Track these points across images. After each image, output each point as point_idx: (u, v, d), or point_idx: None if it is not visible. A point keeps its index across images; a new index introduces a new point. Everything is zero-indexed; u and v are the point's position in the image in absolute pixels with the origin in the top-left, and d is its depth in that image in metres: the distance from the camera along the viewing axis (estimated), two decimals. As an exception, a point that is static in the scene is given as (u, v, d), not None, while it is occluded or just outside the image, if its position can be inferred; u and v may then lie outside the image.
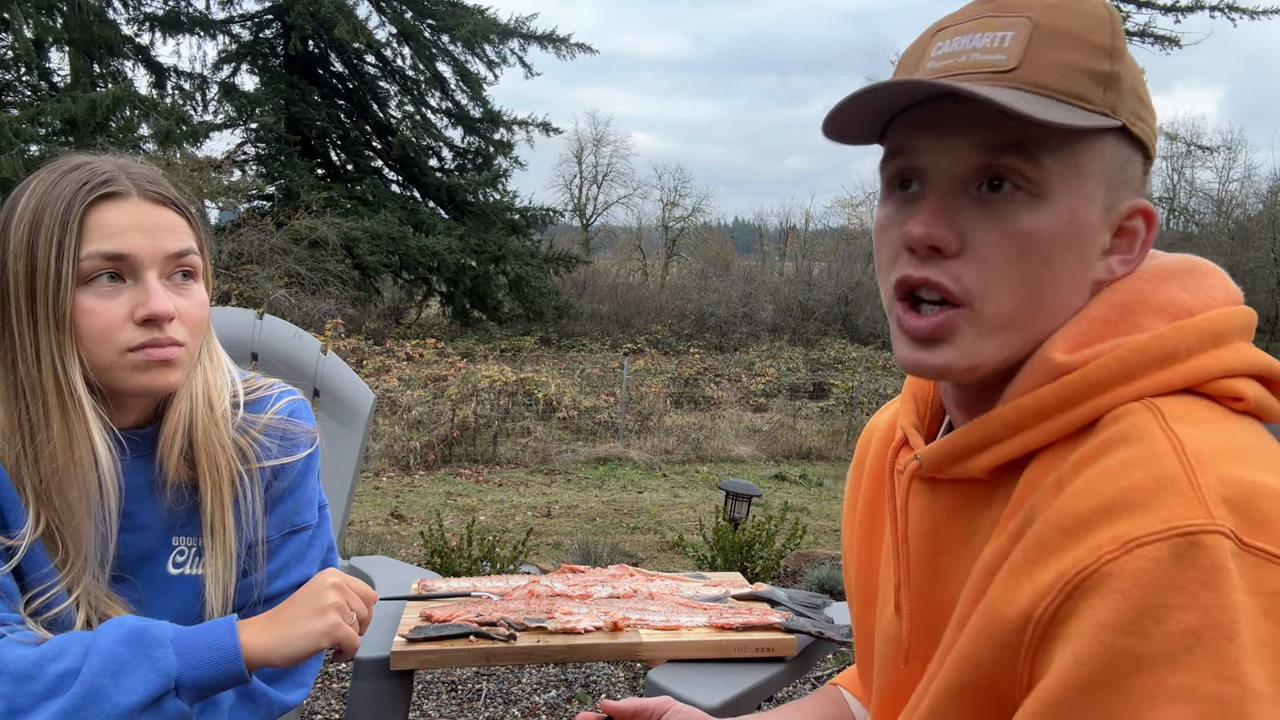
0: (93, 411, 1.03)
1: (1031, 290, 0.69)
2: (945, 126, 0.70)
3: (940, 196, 0.70)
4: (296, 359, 1.96)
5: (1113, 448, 0.64)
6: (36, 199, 1.02)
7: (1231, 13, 19.09)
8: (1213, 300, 0.72)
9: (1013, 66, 0.68)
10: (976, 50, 0.70)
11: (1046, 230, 0.68)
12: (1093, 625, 0.58)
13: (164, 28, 16.40)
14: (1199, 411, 0.66)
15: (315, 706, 2.93)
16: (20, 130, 11.60)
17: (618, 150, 46.39)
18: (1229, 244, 19.78)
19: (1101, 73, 0.69)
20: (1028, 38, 0.68)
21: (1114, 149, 0.70)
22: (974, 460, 0.73)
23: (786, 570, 4.77)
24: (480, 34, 17.62)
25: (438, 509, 6.54)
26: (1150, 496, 0.59)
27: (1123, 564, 0.57)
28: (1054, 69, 0.68)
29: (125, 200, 1.04)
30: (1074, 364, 0.69)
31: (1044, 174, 0.68)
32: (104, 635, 0.98)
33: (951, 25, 0.73)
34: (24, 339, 1.01)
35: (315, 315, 11.81)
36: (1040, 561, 0.62)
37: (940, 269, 0.70)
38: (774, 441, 9.93)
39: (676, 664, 1.46)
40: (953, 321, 0.70)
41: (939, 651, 0.73)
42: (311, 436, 1.21)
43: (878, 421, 1.00)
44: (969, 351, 0.71)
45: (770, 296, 21.18)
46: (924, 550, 0.80)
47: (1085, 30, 0.69)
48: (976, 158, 0.69)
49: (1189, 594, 0.56)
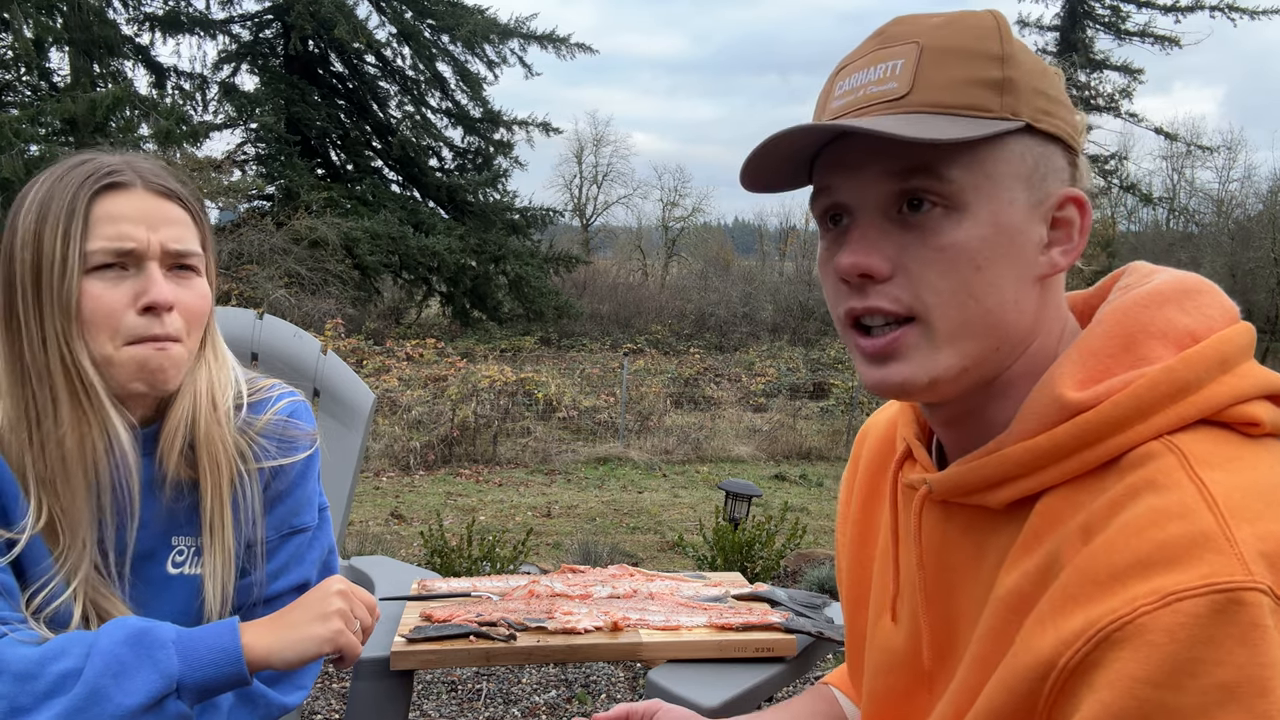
0: (107, 394, 1.04)
1: (969, 297, 0.70)
2: (853, 162, 0.72)
3: (863, 227, 0.72)
4: (296, 359, 1.96)
5: (1140, 495, 0.64)
6: (44, 190, 1.04)
7: (1231, 13, 19.12)
8: (1213, 321, 0.72)
9: (904, 93, 0.70)
10: (870, 83, 0.72)
11: (971, 238, 0.70)
12: (1124, 677, 0.58)
13: (164, 28, 16.39)
14: (1221, 449, 0.66)
15: (315, 707, 2.93)
16: (20, 130, 11.59)
17: (618, 150, 46.59)
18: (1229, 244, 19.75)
19: (994, 80, 0.70)
20: (916, 63, 0.71)
21: (1024, 148, 0.71)
22: (988, 494, 0.73)
23: (786, 570, 4.77)
24: (480, 34, 17.61)
25: (438, 509, 6.54)
26: (1188, 552, 0.59)
27: (1158, 617, 0.57)
28: (944, 87, 0.70)
29: (130, 191, 1.05)
30: (1086, 403, 0.69)
31: (955, 187, 0.69)
32: (106, 636, 0.98)
33: (849, 63, 0.75)
34: (30, 327, 1.02)
35: (315, 315, 11.80)
36: (1067, 610, 0.62)
37: (878, 294, 0.72)
38: (774, 441, 9.93)
39: (676, 664, 1.46)
40: (904, 337, 0.72)
41: (953, 686, 0.73)
42: (311, 438, 1.21)
43: (873, 424, 1.00)
44: (925, 365, 0.72)
45: (770, 296, 21.17)
46: (932, 566, 0.80)
47: (973, 43, 0.71)
48: (888, 185, 0.71)
49: (1225, 650, 0.56)
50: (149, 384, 1.05)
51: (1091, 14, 20.26)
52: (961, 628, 0.77)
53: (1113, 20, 20.26)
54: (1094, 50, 20.26)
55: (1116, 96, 20.51)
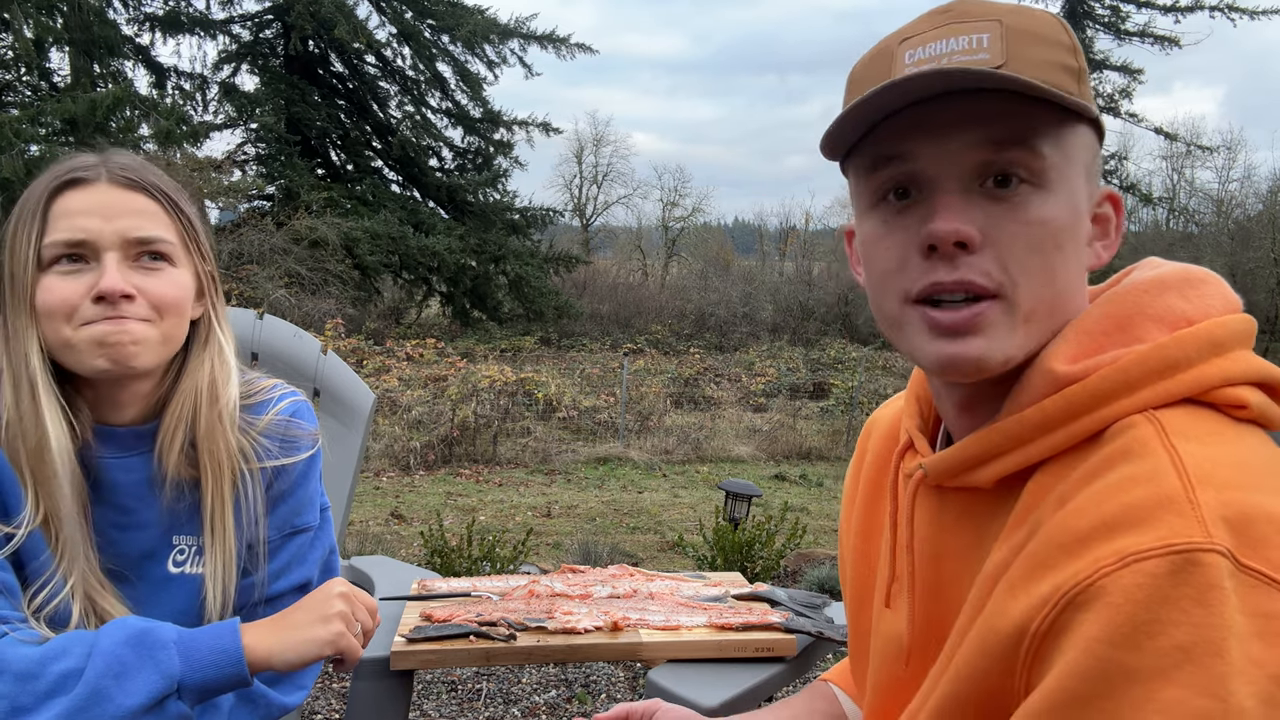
0: (46, 391, 1.05)
1: (1052, 276, 0.70)
2: (940, 127, 0.70)
3: (951, 195, 0.70)
4: (297, 359, 1.96)
5: (1115, 464, 0.64)
6: (24, 194, 1.08)
7: (1231, 13, 19.10)
8: (1211, 308, 0.72)
9: (1001, 63, 0.69)
10: (957, 52, 0.70)
11: (1056, 217, 0.70)
12: (1085, 638, 0.58)
13: (164, 28, 16.39)
14: (1201, 424, 0.66)
15: (315, 706, 2.93)
16: (20, 130, 11.58)
17: (618, 150, 46.54)
18: (1229, 244, 19.76)
19: (1074, 68, 0.72)
20: (1004, 37, 0.70)
21: (1089, 139, 0.73)
22: (979, 471, 0.74)
23: (786, 570, 4.77)
24: (480, 34, 17.61)
25: (438, 509, 6.54)
26: (1150, 514, 0.59)
27: (1118, 579, 0.58)
28: (1037, 64, 0.70)
29: (90, 186, 1.07)
30: (1075, 375, 0.69)
31: (1045, 164, 0.70)
32: (107, 636, 0.98)
33: (915, 34, 0.73)
34: (10, 326, 1.06)
35: (315, 315, 11.80)
36: (1037, 576, 0.62)
37: (968, 267, 0.69)
38: (774, 441, 9.93)
39: (676, 664, 1.46)
40: (988, 313, 0.69)
41: (939, 661, 0.73)
42: (313, 438, 1.22)
43: (878, 418, 1.00)
44: (1003, 342, 0.70)
45: (770, 296, 21.17)
46: (927, 554, 0.80)
47: (1050, 30, 0.72)
48: (980, 154, 0.69)
49: (1182, 610, 0.56)
50: (111, 359, 1.04)
51: (1091, 14, 20.25)
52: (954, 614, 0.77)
53: (1112, 20, 20.26)
54: (1094, 50, 20.24)
55: (1116, 97, 20.51)
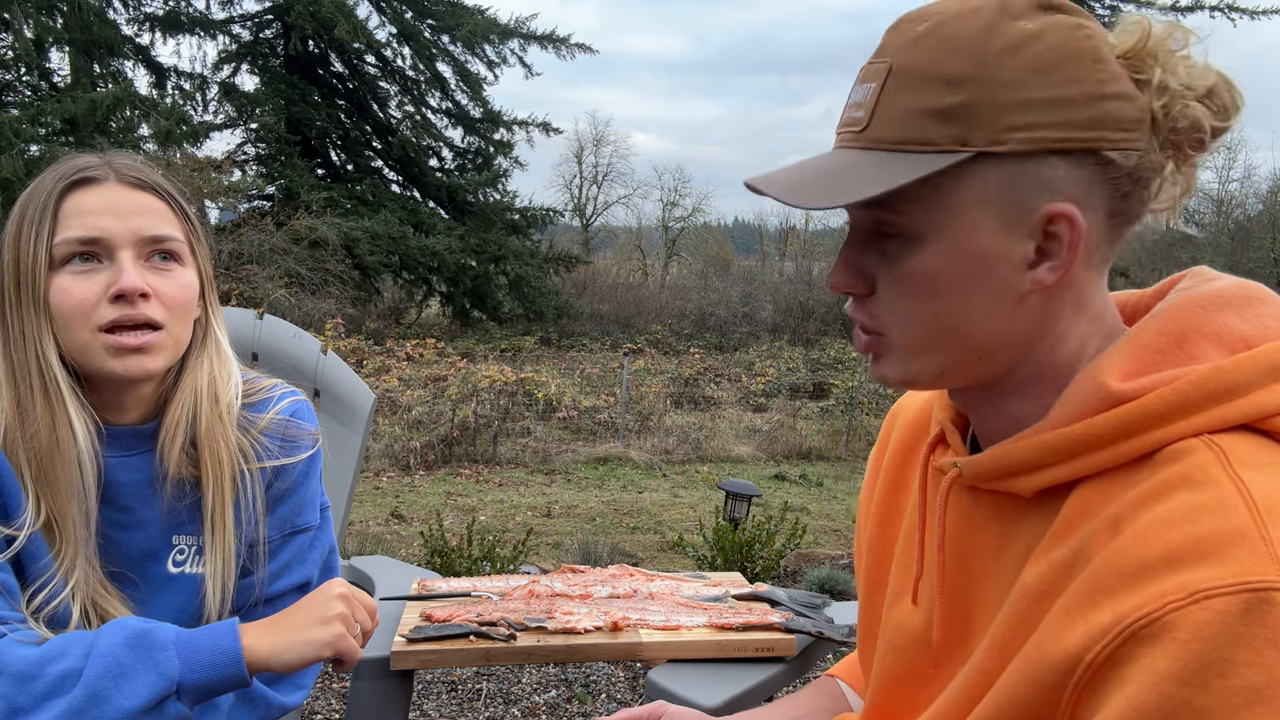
0: (69, 391, 1.05)
1: (930, 320, 0.72)
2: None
3: (850, 247, 0.76)
4: (297, 359, 1.96)
5: (1175, 490, 0.63)
6: (26, 194, 1.07)
7: (1231, 13, 19.08)
8: (1270, 330, 0.70)
9: (864, 126, 0.71)
10: (852, 106, 0.74)
11: (926, 268, 0.71)
12: (1151, 674, 0.57)
13: (164, 28, 16.38)
14: (1262, 454, 0.64)
15: (315, 706, 2.93)
16: (20, 130, 11.58)
17: (618, 150, 46.47)
18: (1229, 244, 19.76)
19: (941, 109, 0.67)
20: (879, 89, 0.71)
21: (989, 174, 0.68)
22: (1019, 480, 0.73)
23: (786, 570, 4.77)
24: (480, 34, 17.60)
25: (438, 509, 6.54)
26: (1220, 548, 0.58)
27: (1187, 614, 0.57)
28: (894, 121, 0.69)
29: (100, 185, 1.07)
30: (1129, 394, 0.67)
31: (909, 220, 0.70)
32: (106, 637, 0.98)
33: (861, 70, 0.75)
34: (13, 326, 1.05)
35: (315, 315, 11.80)
36: (1096, 603, 0.61)
37: (859, 309, 0.76)
38: (774, 441, 9.93)
39: (676, 664, 1.46)
40: (875, 344, 0.77)
41: (967, 671, 0.72)
42: (314, 438, 1.22)
43: (905, 404, 0.99)
44: (899, 368, 0.76)
45: (770, 296, 21.15)
46: (954, 552, 0.80)
47: (941, 58, 0.68)
48: (862, 212, 0.74)
49: (1255, 651, 0.55)
50: (127, 367, 1.05)
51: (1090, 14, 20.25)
52: (979, 613, 0.77)
53: (1112, 20, 20.20)
54: (1094, 50, 20.22)
55: (1116, 97, 20.47)
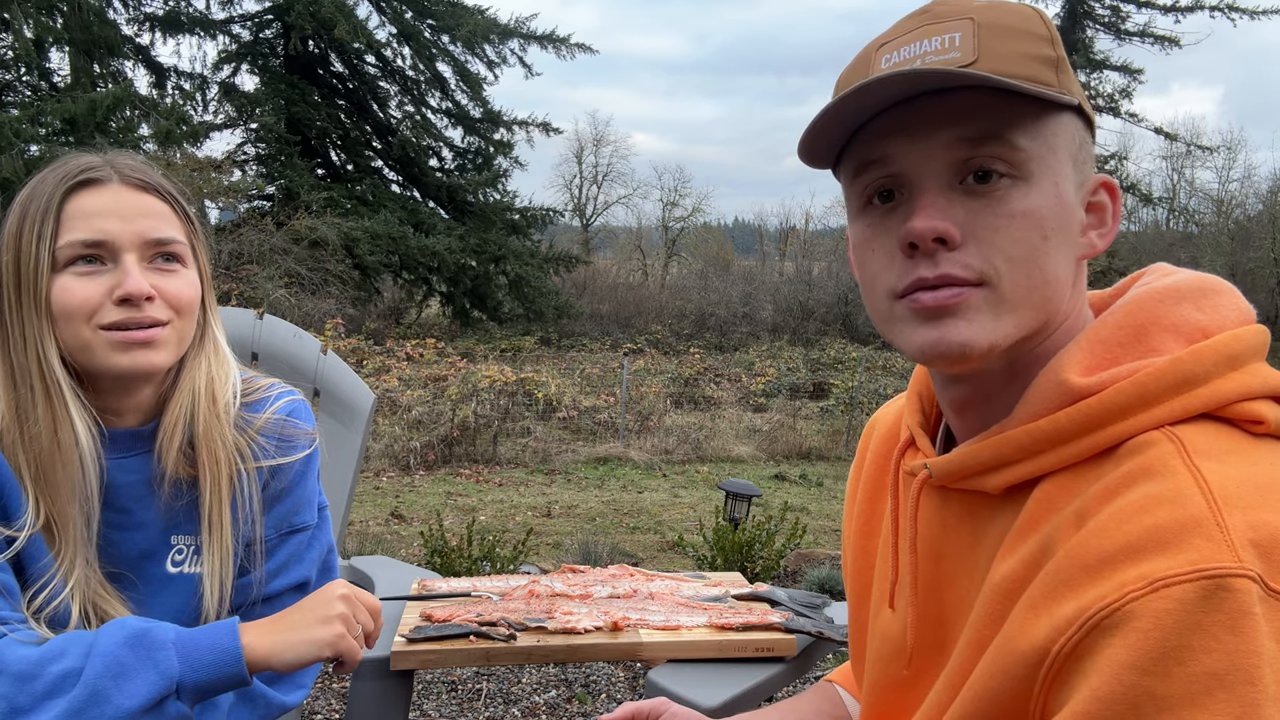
0: (71, 392, 1.04)
1: (1036, 266, 0.70)
2: (918, 128, 0.71)
3: (931, 193, 0.71)
4: (296, 359, 1.96)
5: (1136, 482, 0.63)
6: (26, 193, 1.06)
7: (1231, 13, 19.11)
8: (1226, 320, 0.71)
9: (971, 60, 0.69)
10: (930, 53, 0.71)
11: (1038, 208, 0.70)
12: (1113, 663, 0.58)
13: (164, 28, 16.38)
14: (1221, 442, 0.65)
15: (315, 706, 2.93)
16: (20, 130, 11.59)
17: (618, 150, 46.62)
18: (1229, 244, 19.77)
19: (1050, 58, 0.72)
20: (975, 34, 0.70)
21: (1073, 127, 0.73)
22: (987, 478, 0.73)
23: (786, 570, 4.77)
24: (480, 34, 17.61)
25: (438, 509, 6.54)
26: (1177, 537, 0.59)
27: (1147, 603, 0.57)
28: (1010, 58, 0.70)
29: (104, 187, 1.06)
30: (1090, 388, 0.68)
31: (1023, 156, 0.70)
32: (106, 636, 0.98)
33: (892, 39, 0.74)
34: (14, 327, 1.04)
35: (315, 315, 11.80)
36: (1060, 596, 0.62)
37: (949, 261, 0.69)
38: (774, 441, 9.93)
39: (676, 664, 1.46)
40: (969, 297, 0.69)
41: (946, 673, 0.73)
42: (310, 438, 1.21)
43: (880, 417, 1.00)
44: (987, 329, 0.70)
45: (770, 296, 21.16)
46: (928, 553, 0.80)
47: (1023, 22, 0.72)
48: (957, 151, 0.70)
49: (1213, 637, 0.55)
50: (134, 360, 1.04)
51: (1091, 14, 20.25)
52: (954, 614, 0.77)
53: (1112, 20, 20.25)
54: (1094, 50, 20.25)
55: (1116, 96, 20.51)
